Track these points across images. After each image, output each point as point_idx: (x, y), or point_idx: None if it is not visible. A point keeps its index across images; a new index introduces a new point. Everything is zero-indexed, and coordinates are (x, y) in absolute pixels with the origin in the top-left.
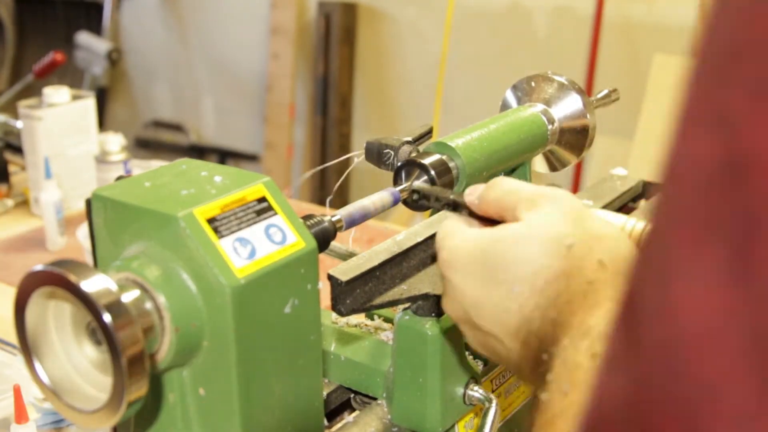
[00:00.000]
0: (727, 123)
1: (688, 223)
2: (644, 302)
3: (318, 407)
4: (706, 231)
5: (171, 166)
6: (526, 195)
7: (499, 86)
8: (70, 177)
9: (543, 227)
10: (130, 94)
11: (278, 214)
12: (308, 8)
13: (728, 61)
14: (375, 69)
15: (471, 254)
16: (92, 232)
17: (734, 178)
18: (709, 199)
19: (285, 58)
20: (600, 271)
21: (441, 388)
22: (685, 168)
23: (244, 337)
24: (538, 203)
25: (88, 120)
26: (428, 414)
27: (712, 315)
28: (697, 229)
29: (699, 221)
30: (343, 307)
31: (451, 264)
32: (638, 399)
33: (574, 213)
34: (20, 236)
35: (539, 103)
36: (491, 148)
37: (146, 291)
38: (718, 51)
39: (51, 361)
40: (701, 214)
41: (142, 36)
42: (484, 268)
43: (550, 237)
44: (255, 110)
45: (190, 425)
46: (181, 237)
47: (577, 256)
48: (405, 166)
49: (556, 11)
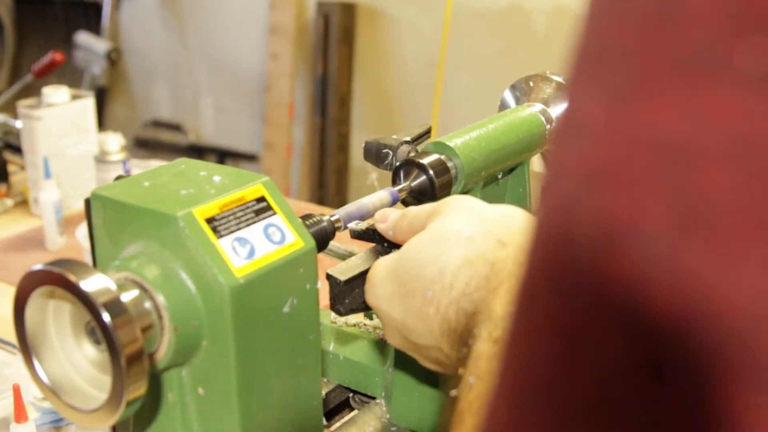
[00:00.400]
0: (586, 132)
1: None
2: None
3: (317, 406)
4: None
5: (170, 165)
6: (430, 209)
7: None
8: (69, 177)
9: (441, 228)
10: (130, 94)
11: (277, 213)
12: (307, 8)
13: (589, 68)
14: (374, 69)
15: (385, 277)
16: (91, 231)
17: (592, 186)
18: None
19: (284, 58)
20: (500, 250)
21: (440, 388)
22: (556, 177)
23: (243, 337)
24: (440, 210)
25: (88, 120)
26: (427, 413)
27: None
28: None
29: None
30: (342, 306)
31: (372, 293)
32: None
33: (472, 208)
34: (19, 236)
35: (538, 102)
36: (490, 148)
37: (145, 290)
38: (582, 57)
39: (50, 361)
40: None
41: (141, 36)
42: (398, 285)
43: (449, 233)
44: (254, 110)
45: (189, 425)
46: (180, 237)
47: (477, 242)
48: (404, 166)
49: (555, 11)
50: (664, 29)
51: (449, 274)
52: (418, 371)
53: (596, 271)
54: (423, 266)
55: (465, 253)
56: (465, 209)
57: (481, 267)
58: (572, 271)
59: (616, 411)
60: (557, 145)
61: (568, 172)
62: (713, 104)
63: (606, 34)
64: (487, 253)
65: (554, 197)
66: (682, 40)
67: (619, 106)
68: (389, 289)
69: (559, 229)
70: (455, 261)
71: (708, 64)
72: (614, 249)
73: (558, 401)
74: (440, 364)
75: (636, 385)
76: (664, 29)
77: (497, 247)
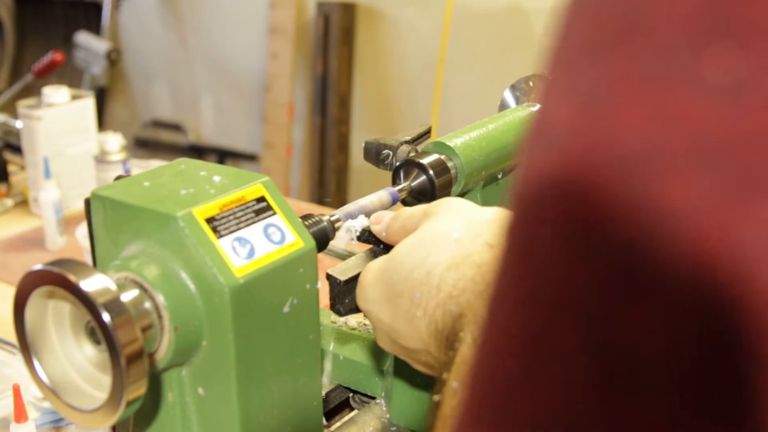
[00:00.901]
0: (553, 135)
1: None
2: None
3: (317, 406)
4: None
5: (170, 165)
6: (422, 211)
7: (497, 86)
8: (69, 177)
9: (431, 230)
10: (129, 94)
11: (277, 213)
12: (307, 8)
13: (561, 71)
14: (374, 69)
15: (375, 280)
16: (91, 231)
17: (556, 189)
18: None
19: (284, 57)
20: (488, 252)
21: None
22: (524, 179)
23: (243, 337)
24: (431, 212)
25: (88, 120)
26: (427, 413)
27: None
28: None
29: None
30: (342, 306)
31: (362, 296)
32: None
33: (462, 210)
34: (19, 236)
35: (538, 103)
36: (489, 148)
37: (145, 290)
38: (556, 60)
39: (50, 361)
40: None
41: (141, 36)
42: (387, 287)
43: (437, 235)
44: (254, 110)
45: (189, 424)
46: (180, 237)
47: (465, 245)
48: (404, 166)
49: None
50: (633, 36)
51: (437, 275)
52: (418, 372)
53: (559, 280)
54: (411, 268)
55: (452, 255)
56: (455, 211)
57: (468, 269)
58: (535, 277)
59: (577, 427)
60: (526, 145)
61: (536, 173)
62: (679, 112)
63: (578, 38)
64: (474, 255)
65: (521, 201)
66: (650, 47)
67: (585, 111)
68: (378, 291)
69: (526, 233)
70: (442, 263)
71: (675, 72)
72: (578, 254)
73: (520, 416)
74: (430, 367)
75: (596, 400)
76: (634, 36)
77: (485, 249)
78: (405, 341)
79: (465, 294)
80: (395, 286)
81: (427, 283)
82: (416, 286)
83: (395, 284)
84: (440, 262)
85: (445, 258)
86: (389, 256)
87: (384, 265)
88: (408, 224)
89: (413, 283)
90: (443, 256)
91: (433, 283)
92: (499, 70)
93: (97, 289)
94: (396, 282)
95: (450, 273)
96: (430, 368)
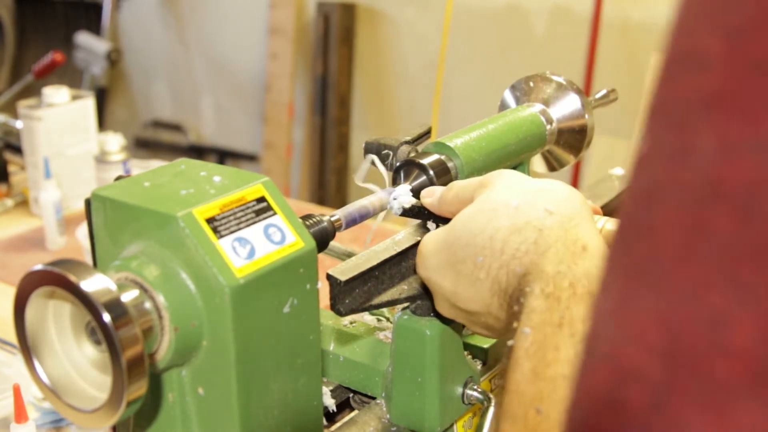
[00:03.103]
0: (706, 62)
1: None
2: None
3: (317, 407)
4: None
5: (170, 166)
6: (477, 181)
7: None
8: (69, 177)
9: (490, 200)
10: (130, 94)
11: (277, 213)
12: (307, 8)
13: (706, 7)
14: (374, 69)
15: (436, 248)
16: (91, 231)
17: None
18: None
19: (284, 58)
20: (548, 218)
21: (440, 388)
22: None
23: (243, 337)
24: (487, 183)
25: (88, 120)
26: (427, 413)
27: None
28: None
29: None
30: (342, 306)
31: (423, 265)
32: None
33: (517, 180)
34: (20, 236)
35: (538, 103)
36: (490, 148)
37: (145, 291)
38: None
39: (50, 361)
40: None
41: (141, 36)
42: (449, 254)
43: (497, 204)
44: (254, 110)
45: (189, 425)
46: (181, 237)
47: (524, 211)
48: (404, 166)
49: (555, 11)
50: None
51: (499, 240)
52: (418, 372)
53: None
54: (473, 235)
55: (514, 221)
56: (511, 181)
57: (530, 233)
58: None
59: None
60: (668, 78)
61: (686, 100)
62: None
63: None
64: (534, 221)
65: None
66: None
67: (737, 38)
68: (439, 258)
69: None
70: (505, 228)
71: None
72: (730, 160)
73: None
74: (489, 328)
75: None
76: None
77: (545, 215)
78: (466, 304)
79: (528, 255)
80: (457, 252)
81: (490, 246)
82: (479, 251)
83: (457, 250)
84: (502, 227)
85: (506, 224)
86: (449, 226)
87: (443, 235)
88: (462, 194)
89: (476, 249)
90: (505, 223)
91: (496, 247)
92: (499, 70)
93: (98, 289)
94: (457, 249)
95: (513, 237)
96: (489, 329)
